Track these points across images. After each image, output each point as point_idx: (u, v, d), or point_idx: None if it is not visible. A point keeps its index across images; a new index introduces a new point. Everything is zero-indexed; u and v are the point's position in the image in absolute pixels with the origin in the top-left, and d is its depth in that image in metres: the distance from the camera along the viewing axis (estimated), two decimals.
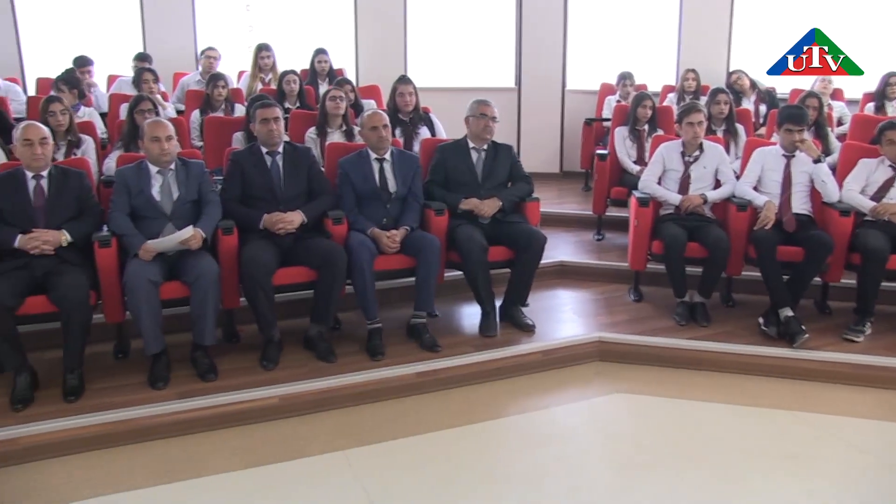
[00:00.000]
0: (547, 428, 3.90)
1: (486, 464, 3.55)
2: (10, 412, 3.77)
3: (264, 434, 3.76)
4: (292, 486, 3.35)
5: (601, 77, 8.37)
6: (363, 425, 3.84)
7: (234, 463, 3.52)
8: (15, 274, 3.89)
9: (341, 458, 3.54)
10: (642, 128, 6.24)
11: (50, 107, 5.11)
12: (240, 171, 4.46)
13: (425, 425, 3.85)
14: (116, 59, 8.31)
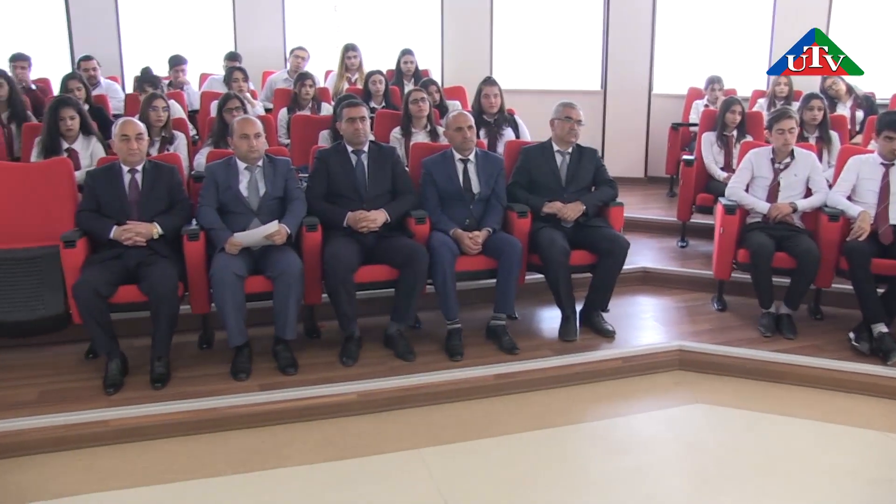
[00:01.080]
0: (625, 436, 3.84)
1: (562, 469, 3.51)
2: (102, 395, 3.94)
3: (341, 429, 3.79)
4: (367, 482, 3.37)
5: (689, 81, 8.19)
6: (440, 425, 3.85)
7: (311, 456, 3.56)
8: (109, 264, 4.07)
9: (416, 456, 3.55)
10: (730, 133, 6.09)
11: (153, 102, 5.31)
12: (325, 169, 4.52)
13: (502, 428, 3.83)
14: (208, 59, 8.54)
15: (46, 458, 3.55)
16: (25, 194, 4.49)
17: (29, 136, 5.42)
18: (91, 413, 3.77)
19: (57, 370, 4.27)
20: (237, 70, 6.86)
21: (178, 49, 7.90)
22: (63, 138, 5.12)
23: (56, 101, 5.26)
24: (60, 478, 3.41)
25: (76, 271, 4.05)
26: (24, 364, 4.33)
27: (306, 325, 4.63)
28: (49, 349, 4.49)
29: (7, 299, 4.15)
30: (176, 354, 4.22)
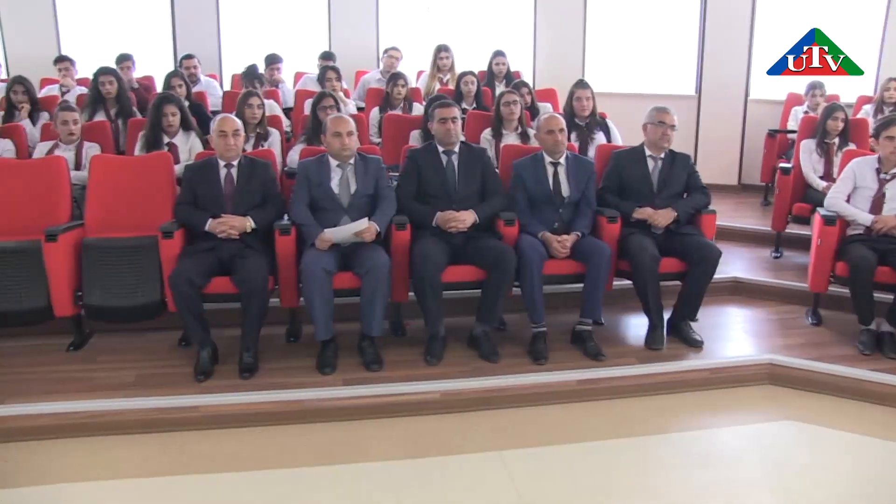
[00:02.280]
0: (709, 449, 3.73)
1: (643, 479, 3.44)
2: (192, 382, 4.08)
3: (423, 427, 3.82)
4: (447, 480, 3.38)
5: (788, 86, 7.93)
6: (521, 428, 3.83)
7: (392, 452, 3.60)
8: (204, 255, 4.20)
9: (497, 458, 3.54)
10: (832, 141, 5.86)
11: (249, 100, 5.45)
12: (416, 169, 4.55)
13: (584, 434, 3.79)
14: (303, 58, 8.70)
15: (142, 438, 3.70)
16: (129, 186, 4.71)
17: (133, 130, 5.66)
18: (183, 398, 3.91)
19: (152, 355, 4.44)
20: (331, 69, 6.97)
21: (273, 48, 8.09)
22: (164, 133, 5.32)
23: (159, 97, 5.47)
24: (155, 458, 3.55)
25: (173, 261, 4.20)
26: (123, 348, 4.54)
27: (392, 323, 4.68)
28: (145, 335, 4.68)
29: (110, 286, 4.32)
30: (264, 346, 4.31)
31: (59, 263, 4.30)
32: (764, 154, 7.66)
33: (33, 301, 4.33)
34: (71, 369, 4.30)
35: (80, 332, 4.61)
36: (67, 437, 3.71)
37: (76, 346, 4.56)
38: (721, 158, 8.53)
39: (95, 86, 6.24)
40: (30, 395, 3.97)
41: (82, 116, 5.71)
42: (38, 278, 4.31)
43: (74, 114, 5.44)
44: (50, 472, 3.45)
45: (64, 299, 4.34)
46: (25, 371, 4.27)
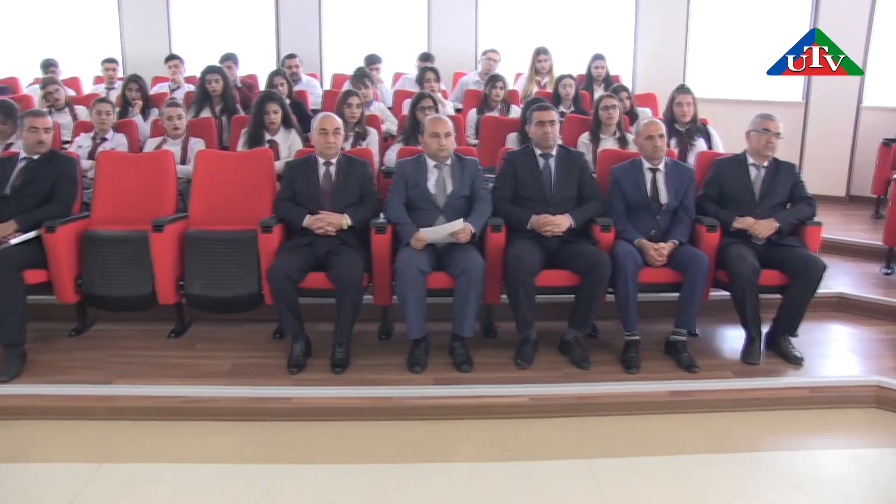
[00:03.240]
0: (806, 471, 3.56)
1: (735, 497, 3.32)
2: (285, 373, 4.17)
3: (511, 431, 3.79)
4: (533, 486, 3.34)
5: None
6: (610, 437, 3.76)
7: (479, 454, 3.59)
8: (301, 250, 4.29)
9: (584, 466, 3.49)
10: None
11: (348, 99, 5.53)
12: (512, 171, 4.54)
13: (674, 446, 3.70)
14: (402, 58, 8.79)
15: (235, 426, 3.82)
16: (231, 181, 4.85)
17: (237, 127, 5.84)
18: (276, 389, 4.01)
19: (248, 346, 4.57)
20: (430, 70, 7.03)
21: (373, 48, 8.20)
22: (266, 130, 5.46)
23: (262, 95, 5.62)
24: (247, 446, 3.65)
25: (271, 255, 4.30)
26: (220, 337, 4.69)
27: (484, 324, 4.68)
28: (242, 326, 4.81)
29: (210, 277, 4.46)
30: (356, 342, 4.37)
31: (164, 253, 4.46)
32: (877, 164, 7.32)
33: (140, 288, 4.51)
34: (171, 355, 4.47)
35: (181, 319, 4.78)
36: (166, 419, 3.87)
37: (177, 334, 4.74)
38: (829, 168, 8.20)
39: (202, 84, 6.47)
40: (135, 377, 4.17)
41: (189, 113, 5.92)
42: (144, 267, 4.50)
43: (180, 110, 5.64)
44: (149, 451, 3.61)
45: (167, 288, 4.51)
46: (131, 354, 4.48)
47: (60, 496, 3.23)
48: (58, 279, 4.51)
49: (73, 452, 3.60)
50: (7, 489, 3.34)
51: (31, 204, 4.57)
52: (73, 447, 3.65)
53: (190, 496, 3.27)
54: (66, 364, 4.37)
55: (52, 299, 4.63)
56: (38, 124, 4.67)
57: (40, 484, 3.38)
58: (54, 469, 3.48)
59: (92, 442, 3.69)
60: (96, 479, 3.36)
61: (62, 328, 4.81)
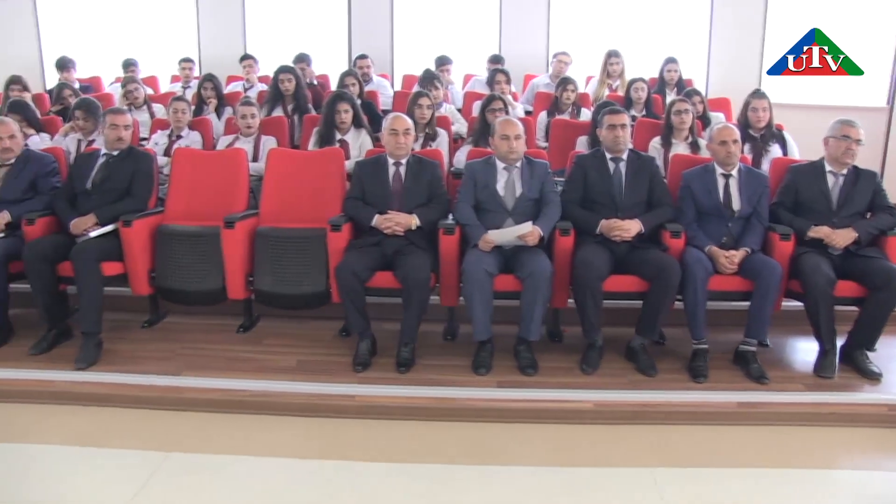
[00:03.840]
0: (882, 494, 3.41)
1: None
2: (351, 371, 4.21)
3: (574, 436, 3.75)
4: (595, 493, 3.31)
5: None
6: (675, 446, 3.69)
7: (541, 458, 3.56)
8: (369, 250, 4.32)
9: (647, 475, 3.43)
10: None
11: (419, 100, 5.57)
12: (582, 175, 4.50)
13: (741, 459, 3.60)
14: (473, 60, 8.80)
15: (299, 421, 3.87)
16: (302, 179, 4.92)
17: (308, 126, 5.92)
18: (341, 387, 4.05)
19: (314, 343, 4.63)
20: (500, 72, 7.02)
21: (444, 50, 8.23)
22: (337, 130, 5.52)
23: (334, 95, 5.68)
24: (311, 441, 3.70)
25: (339, 254, 4.34)
26: (287, 333, 4.77)
27: (549, 328, 4.64)
28: (309, 322, 4.88)
29: (279, 273, 4.53)
30: (422, 342, 4.38)
31: (235, 249, 4.55)
32: None
33: (210, 283, 4.61)
34: (239, 349, 4.56)
35: (250, 315, 4.87)
36: (232, 412, 3.95)
37: (245, 329, 4.83)
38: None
39: (275, 83, 6.60)
40: (203, 369, 4.27)
41: (262, 111, 6.02)
42: (215, 262, 4.59)
43: (254, 108, 5.75)
44: (214, 442, 3.69)
45: (237, 283, 4.59)
46: (200, 347, 4.59)
47: (130, 481, 3.33)
48: (133, 272, 4.65)
49: (143, 440, 3.70)
50: (80, 471, 3.46)
51: (110, 198, 4.72)
52: (143, 435, 3.75)
53: (253, 488, 3.33)
54: (138, 354, 4.50)
55: (126, 291, 4.78)
56: (118, 121, 4.81)
57: (112, 468, 3.48)
58: (125, 455, 3.58)
59: (161, 431, 3.80)
60: (164, 466, 3.45)
61: (136, 319, 4.97)
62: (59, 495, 3.28)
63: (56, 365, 4.32)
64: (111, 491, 3.28)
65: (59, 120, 6.52)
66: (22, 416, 3.96)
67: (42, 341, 4.51)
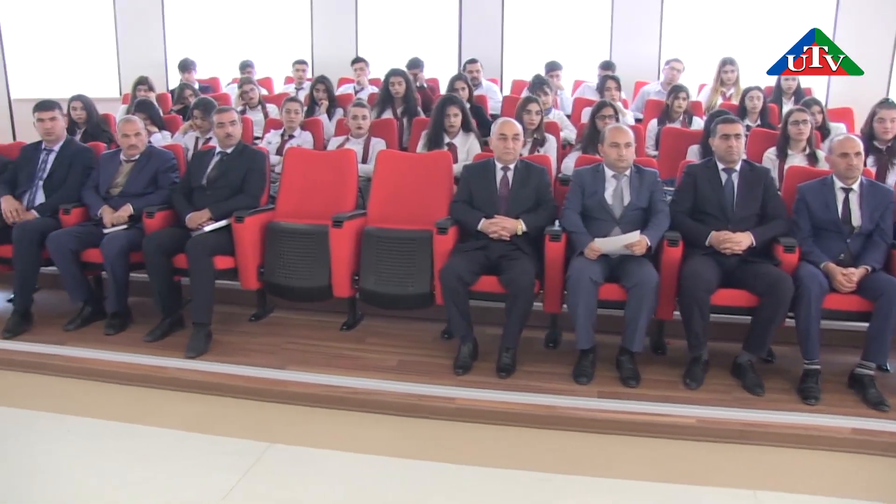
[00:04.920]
0: None
1: None
2: (451, 374, 4.23)
3: (675, 452, 3.66)
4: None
5: None
6: (781, 469, 3.55)
7: (639, 473, 3.49)
8: (474, 253, 4.34)
9: (751, 497, 3.33)
10: None
11: (528, 106, 5.56)
12: (693, 185, 4.39)
13: (855, 489, 3.41)
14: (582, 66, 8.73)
15: (398, 421, 3.91)
16: (409, 181, 4.98)
17: (417, 129, 6.00)
18: (441, 388, 4.06)
19: (415, 343, 4.67)
20: (611, 79, 6.95)
21: (554, 55, 8.19)
22: (446, 133, 5.57)
23: (443, 99, 5.73)
24: (408, 441, 3.74)
25: (444, 256, 4.38)
26: (389, 333, 4.83)
27: (653, 340, 4.54)
28: (411, 323, 4.93)
29: (384, 273, 4.59)
30: (523, 348, 4.35)
31: (342, 248, 4.64)
32: None
33: (317, 280, 4.72)
34: (342, 347, 4.65)
35: (354, 313, 4.96)
36: (332, 407, 4.03)
37: (349, 326, 4.91)
38: None
39: (386, 86, 6.71)
40: (306, 364, 4.37)
41: (372, 113, 6.12)
42: (322, 260, 4.70)
43: (365, 110, 5.86)
44: (314, 436, 3.78)
45: (343, 281, 4.69)
46: (304, 343, 4.70)
47: (234, 468, 3.45)
48: (243, 266, 4.81)
49: (247, 429, 3.82)
50: (187, 455, 3.62)
51: (224, 195, 4.89)
52: (247, 425, 3.88)
53: (349, 484, 3.39)
54: (245, 347, 4.65)
55: (236, 285, 4.95)
56: (223, 119, 4.99)
57: (216, 455, 3.62)
58: (229, 443, 3.71)
59: (264, 422, 3.92)
60: (266, 457, 3.57)
61: (244, 313, 5.14)
62: (168, 477, 3.43)
63: (168, 352, 4.53)
64: (215, 476, 3.40)
65: (180, 118, 6.83)
66: (137, 400, 4.19)
67: (156, 329, 4.73)
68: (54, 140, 5.22)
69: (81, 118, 6.37)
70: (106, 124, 6.56)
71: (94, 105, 6.47)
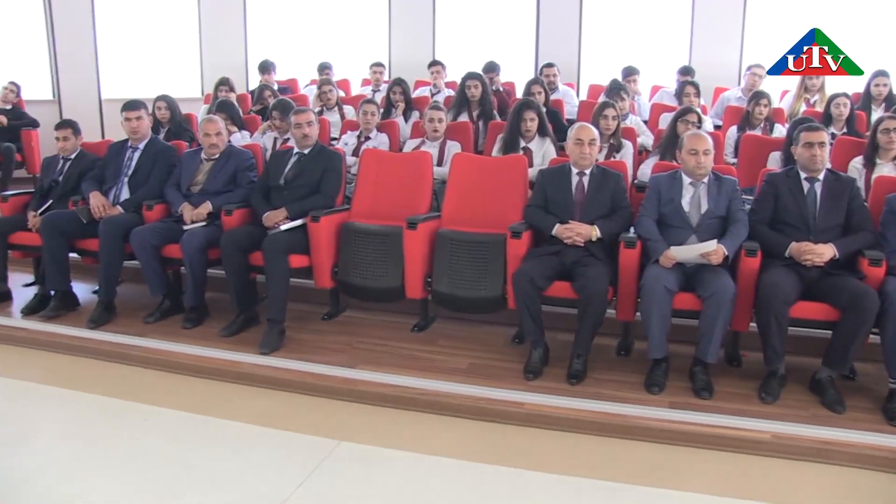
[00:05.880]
0: None
1: None
2: (521, 379, 4.22)
3: (748, 467, 3.57)
4: None
5: None
6: (864, 493, 3.41)
7: (711, 486, 3.41)
8: (548, 258, 4.32)
9: None
10: None
11: (604, 111, 5.51)
12: (773, 194, 4.28)
13: None
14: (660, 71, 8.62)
15: (466, 423, 3.94)
16: (484, 185, 4.98)
17: (493, 132, 5.99)
18: (510, 393, 4.06)
19: (486, 347, 4.67)
20: (690, 84, 6.82)
21: (631, 60, 8.11)
22: (521, 137, 5.56)
23: (520, 103, 5.71)
24: (476, 444, 3.73)
25: (517, 260, 4.37)
26: (460, 336, 4.85)
27: (728, 352, 4.44)
28: (482, 327, 4.94)
29: (457, 276, 4.60)
30: (594, 356, 4.32)
31: (416, 250, 4.67)
32: None
33: (390, 281, 4.76)
34: (413, 348, 4.68)
35: (426, 315, 4.99)
36: (402, 408, 4.07)
37: (420, 328, 4.95)
38: None
39: (462, 89, 6.71)
40: (377, 364, 4.42)
41: (448, 116, 6.15)
42: (396, 261, 4.74)
43: (442, 113, 5.89)
44: (383, 435, 3.81)
45: (416, 283, 4.72)
46: (376, 343, 4.76)
47: (303, 464, 3.51)
48: (317, 265, 4.88)
49: (316, 427, 3.88)
50: (258, 450, 3.68)
51: (301, 194, 4.97)
52: (317, 422, 3.94)
53: (416, 485, 3.41)
54: (317, 345, 4.72)
55: (309, 283, 5.03)
56: (300, 120, 5.09)
57: (287, 450, 3.68)
58: (299, 439, 3.77)
59: (334, 420, 3.98)
60: (335, 454, 3.62)
61: (317, 311, 5.23)
62: (240, 469, 3.50)
63: (242, 348, 4.64)
64: (285, 472, 3.47)
65: (259, 119, 6.98)
66: (211, 392, 4.30)
67: (232, 325, 4.85)
68: (140, 138, 5.41)
69: (165, 117, 6.60)
70: (188, 124, 6.78)
71: (177, 105, 6.70)
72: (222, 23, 10.12)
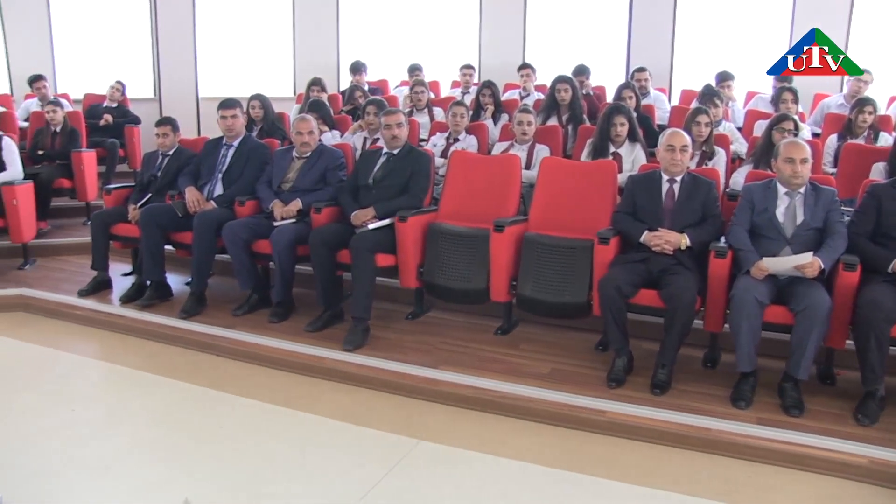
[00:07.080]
0: None
1: None
2: (603, 386, 4.17)
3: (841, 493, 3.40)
4: None
5: None
6: None
7: None
8: (634, 266, 4.26)
9: None
10: None
11: (697, 117, 5.40)
12: (876, 206, 4.11)
13: None
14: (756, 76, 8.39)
15: (545, 428, 3.91)
16: (573, 190, 4.95)
17: (582, 137, 5.95)
18: (592, 400, 4.01)
19: (569, 353, 4.63)
20: (788, 90, 6.61)
21: (726, 65, 7.91)
22: (611, 142, 5.50)
23: (610, 108, 5.65)
24: (555, 450, 3.71)
25: (604, 267, 4.32)
26: (543, 340, 4.82)
27: (820, 369, 4.28)
28: (565, 332, 4.91)
29: (542, 281, 4.57)
30: (680, 366, 4.24)
31: (502, 253, 4.67)
32: None
33: (475, 283, 4.76)
34: (495, 351, 4.68)
35: (510, 318, 4.98)
36: (482, 410, 4.08)
37: (503, 331, 4.94)
38: None
39: (552, 92, 6.68)
40: (459, 366, 4.44)
41: (537, 120, 6.12)
42: (481, 263, 4.74)
43: (531, 116, 5.86)
44: (462, 437, 3.82)
45: (501, 286, 4.71)
46: (458, 344, 4.78)
47: (383, 461, 3.56)
48: (403, 265, 4.93)
49: (397, 425, 3.93)
50: (339, 445, 3.75)
51: (389, 194, 5.04)
52: (397, 420, 3.98)
53: (493, 487, 3.41)
54: (400, 344, 4.77)
55: (395, 283, 5.10)
56: (390, 121, 5.16)
57: (366, 446, 3.74)
58: (380, 436, 3.82)
59: (415, 418, 4.01)
60: (414, 452, 3.65)
61: (401, 310, 5.28)
62: (319, 464, 3.57)
63: (326, 343, 4.72)
64: (366, 468, 3.51)
65: (350, 118, 7.09)
66: (295, 386, 4.41)
67: (317, 320, 4.95)
68: (234, 136, 5.57)
69: (259, 116, 6.77)
70: (281, 122, 6.93)
71: (270, 104, 6.87)
72: (315, 24, 10.32)
